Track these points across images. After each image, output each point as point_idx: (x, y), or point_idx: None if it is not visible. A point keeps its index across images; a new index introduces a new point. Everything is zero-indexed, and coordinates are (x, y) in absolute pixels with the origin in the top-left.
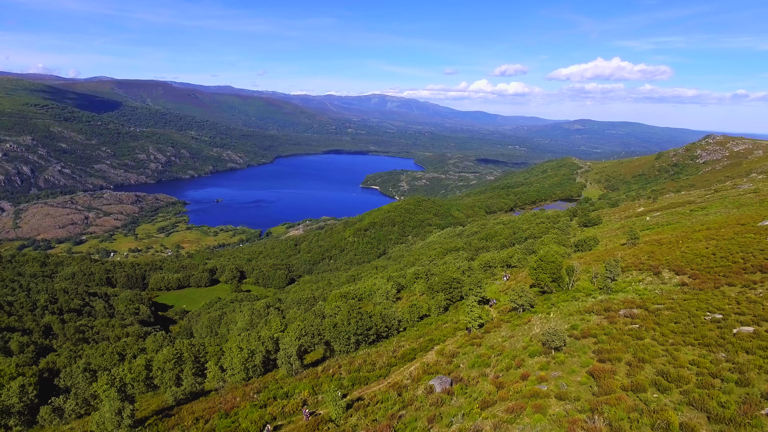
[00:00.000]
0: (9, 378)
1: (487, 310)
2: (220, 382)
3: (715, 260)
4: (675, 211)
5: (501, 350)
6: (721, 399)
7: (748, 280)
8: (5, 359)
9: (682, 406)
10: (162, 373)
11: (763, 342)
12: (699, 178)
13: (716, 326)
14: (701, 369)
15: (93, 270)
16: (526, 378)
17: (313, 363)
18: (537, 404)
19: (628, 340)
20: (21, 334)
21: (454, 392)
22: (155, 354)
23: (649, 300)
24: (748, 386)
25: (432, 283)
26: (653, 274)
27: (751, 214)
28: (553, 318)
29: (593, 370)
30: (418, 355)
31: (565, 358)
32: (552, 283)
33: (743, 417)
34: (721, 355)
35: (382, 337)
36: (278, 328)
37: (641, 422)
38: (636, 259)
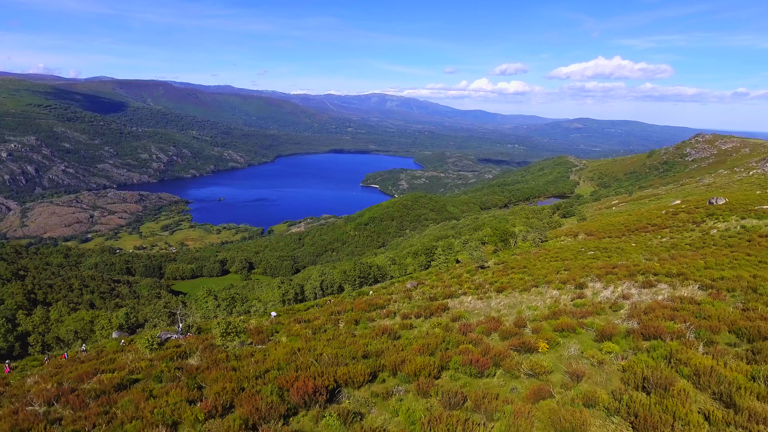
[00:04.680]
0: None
1: (453, 262)
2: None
3: (616, 226)
4: (637, 202)
5: (453, 273)
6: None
7: (621, 234)
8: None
9: (525, 276)
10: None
11: (589, 259)
12: (685, 175)
13: (576, 251)
14: (553, 268)
15: (113, 261)
16: (460, 277)
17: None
18: (460, 282)
19: (524, 261)
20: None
21: (417, 287)
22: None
23: (554, 247)
24: (574, 276)
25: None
26: (573, 236)
27: (688, 198)
28: (492, 260)
29: (497, 272)
30: (401, 281)
31: (486, 271)
32: (500, 243)
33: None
34: (563, 262)
35: (378, 281)
36: (305, 276)
37: (514, 286)
38: (569, 229)
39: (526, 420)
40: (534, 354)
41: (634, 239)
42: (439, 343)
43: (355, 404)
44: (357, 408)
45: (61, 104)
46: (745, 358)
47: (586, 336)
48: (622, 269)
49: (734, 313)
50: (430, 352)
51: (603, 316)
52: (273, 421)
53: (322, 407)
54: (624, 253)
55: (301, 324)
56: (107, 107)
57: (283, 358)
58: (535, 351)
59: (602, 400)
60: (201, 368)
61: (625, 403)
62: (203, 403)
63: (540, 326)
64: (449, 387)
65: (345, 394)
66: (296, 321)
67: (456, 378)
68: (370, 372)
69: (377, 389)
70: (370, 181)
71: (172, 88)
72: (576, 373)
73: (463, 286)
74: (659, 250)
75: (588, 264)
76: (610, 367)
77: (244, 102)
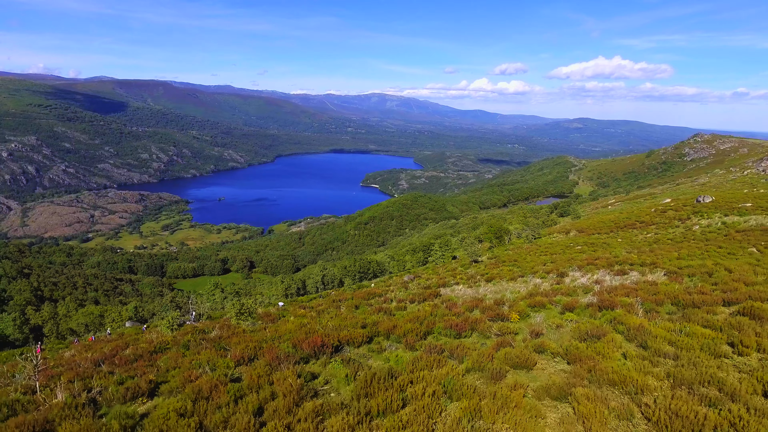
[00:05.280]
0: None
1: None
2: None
3: (606, 224)
4: (633, 201)
5: (448, 267)
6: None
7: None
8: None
9: (514, 268)
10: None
11: (576, 252)
12: (683, 175)
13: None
14: (541, 261)
15: (116, 259)
16: (454, 270)
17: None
18: (454, 275)
19: (515, 255)
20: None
21: (414, 279)
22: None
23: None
24: (558, 267)
25: (414, 246)
26: (564, 233)
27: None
28: (486, 255)
29: (488, 265)
30: (399, 275)
31: (479, 265)
32: (495, 240)
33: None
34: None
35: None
36: (306, 273)
37: (503, 276)
38: (562, 227)
39: (487, 359)
40: (506, 322)
41: (621, 235)
42: (426, 316)
43: (355, 356)
44: (357, 358)
45: (62, 104)
46: (672, 320)
47: (553, 310)
48: (602, 260)
49: (679, 290)
50: (419, 322)
51: (573, 296)
52: (290, 365)
53: (328, 357)
54: (609, 247)
55: (306, 309)
56: (107, 107)
57: (293, 329)
58: (508, 320)
59: (550, 348)
60: (223, 337)
61: (565, 349)
62: (232, 354)
63: (516, 304)
64: (432, 343)
65: (347, 350)
66: (301, 307)
67: (438, 339)
68: (368, 335)
69: (373, 347)
70: (370, 181)
71: (172, 88)
72: (536, 332)
73: (456, 277)
74: (642, 244)
75: (573, 257)
76: (564, 329)
77: (244, 102)
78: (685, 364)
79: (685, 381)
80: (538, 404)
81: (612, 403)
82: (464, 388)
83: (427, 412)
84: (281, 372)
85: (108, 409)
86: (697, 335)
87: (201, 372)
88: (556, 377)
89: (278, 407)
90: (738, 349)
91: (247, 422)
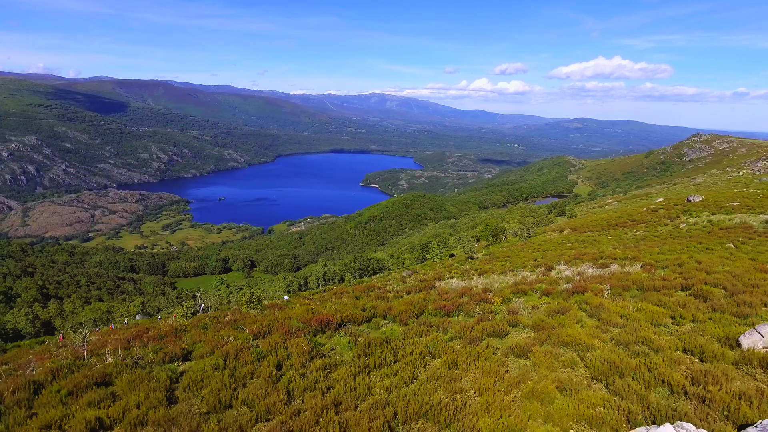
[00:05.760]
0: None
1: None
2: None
3: (599, 222)
4: (629, 201)
5: (445, 264)
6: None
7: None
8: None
9: (506, 263)
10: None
11: (567, 249)
12: (681, 175)
13: (558, 244)
14: (532, 256)
15: (118, 259)
16: (451, 266)
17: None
18: (450, 270)
19: (509, 252)
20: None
21: (411, 275)
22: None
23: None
24: (547, 262)
25: (413, 245)
26: (558, 231)
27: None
28: (482, 253)
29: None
30: (398, 271)
31: (474, 261)
32: (492, 238)
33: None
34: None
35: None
36: (307, 272)
37: (494, 270)
38: (557, 226)
39: (467, 330)
40: (489, 304)
41: (612, 233)
42: (420, 301)
43: (356, 331)
44: (357, 332)
45: (62, 104)
46: (632, 301)
47: (534, 296)
48: (588, 256)
49: (646, 278)
50: (413, 305)
51: (553, 285)
52: (300, 335)
53: (333, 331)
54: (598, 244)
55: (309, 300)
56: (108, 107)
57: (300, 313)
58: (491, 303)
59: (522, 322)
60: (237, 320)
61: (534, 322)
62: (249, 330)
63: (502, 291)
64: (423, 320)
65: (348, 327)
66: (304, 299)
67: (429, 318)
68: (367, 316)
69: (372, 325)
70: (370, 181)
71: (172, 87)
72: (513, 311)
73: (452, 272)
74: (629, 241)
75: (563, 253)
76: (539, 309)
77: (244, 102)
78: (628, 331)
79: (624, 342)
80: (504, 359)
81: (562, 357)
82: (446, 348)
83: (414, 364)
84: (294, 339)
85: (151, 369)
86: (647, 311)
87: (225, 341)
88: (521, 341)
89: (294, 363)
90: (677, 320)
91: (270, 373)
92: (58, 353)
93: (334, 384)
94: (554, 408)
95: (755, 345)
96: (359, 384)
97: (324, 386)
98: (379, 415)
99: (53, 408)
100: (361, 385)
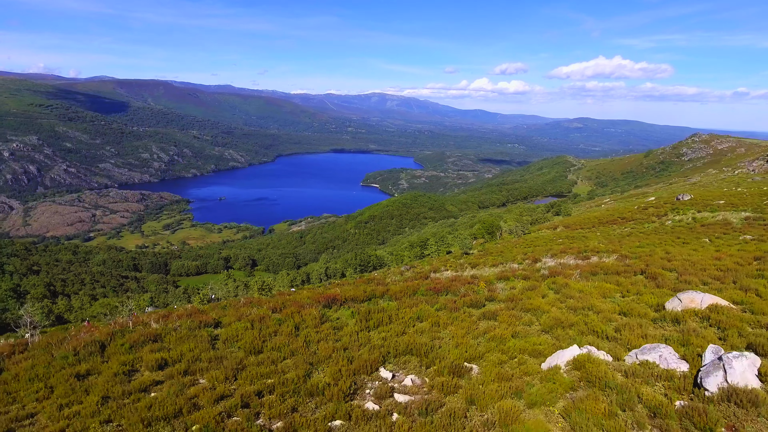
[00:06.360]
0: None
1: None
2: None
3: (590, 220)
4: (625, 200)
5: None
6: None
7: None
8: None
9: (498, 257)
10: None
11: (556, 244)
12: (678, 174)
13: (549, 240)
14: (522, 251)
15: (121, 258)
16: (446, 261)
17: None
18: (445, 264)
19: (502, 248)
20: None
21: (409, 269)
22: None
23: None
24: (535, 255)
25: (412, 242)
26: (552, 229)
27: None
28: (477, 249)
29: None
30: (397, 267)
31: (469, 256)
32: (488, 235)
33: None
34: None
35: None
36: (309, 269)
37: (486, 264)
38: (551, 224)
39: (451, 302)
40: (474, 286)
41: (601, 230)
42: (414, 285)
43: (358, 306)
44: (359, 307)
45: (63, 104)
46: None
47: (515, 281)
48: (574, 249)
49: (614, 264)
50: (407, 288)
51: (534, 273)
52: (311, 307)
53: (338, 306)
54: (586, 239)
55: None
56: (108, 107)
57: (308, 294)
58: (476, 285)
59: (498, 297)
60: (253, 302)
61: (507, 296)
62: (266, 306)
63: (488, 277)
64: (415, 299)
65: (351, 303)
66: (310, 290)
67: (420, 297)
68: (367, 296)
69: (371, 303)
70: (371, 181)
71: (173, 87)
72: (493, 290)
73: (446, 265)
74: (616, 237)
75: (551, 248)
76: (515, 289)
77: (244, 101)
78: (580, 301)
79: (574, 308)
80: (477, 320)
81: (522, 318)
82: (432, 314)
83: (405, 325)
84: (307, 310)
85: (190, 331)
86: (602, 288)
87: (249, 313)
88: (493, 309)
89: (308, 325)
90: (623, 294)
91: (290, 331)
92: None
93: (342, 337)
94: (507, 346)
95: (674, 307)
96: (361, 337)
97: (334, 338)
98: (376, 352)
99: (123, 355)
100: (362, 338)
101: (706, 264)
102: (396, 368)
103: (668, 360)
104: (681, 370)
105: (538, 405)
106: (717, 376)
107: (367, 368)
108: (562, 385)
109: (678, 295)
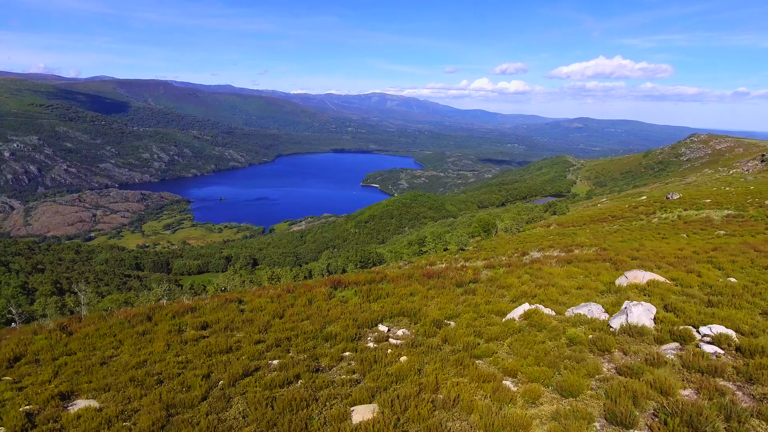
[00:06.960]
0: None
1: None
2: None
3: (583, 218)
4: (621, 199)
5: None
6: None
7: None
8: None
9: (491, 252)
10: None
11: (546, 240)
12: (677, 174)
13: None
14: (514, 247)
15: (123, 257)
16: (442, 256)
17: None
18: (441, 259)
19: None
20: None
21: (408, 264)
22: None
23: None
24: (524, 249)
25: (410, 240)
26: (545, 227)
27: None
28: (473, 245)
29: (471, 252)
30: (396, 263)
31: (464, 252)
32: (484, 233)
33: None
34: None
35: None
36: (311, 266)
37: (479, 258)
38: (546, 222)
39: (440, 284)
40: (462, 272)
41: (591, 227)
42: (410, 272)
43: (360, 287)
44: (360, 288)
45: (63, 104)
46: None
47: (500, 270)
48: (561, 244)
49: (587, 255)
50: (403, 274)
51: (518, 262)
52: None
53: (343, 288)
54: (575, 236)
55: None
56: (109, 107)
57: (315, 281)
58: (464, 272)
59: (481, 279)
60: (266, 288)
61: (488, 278)
62: (281, 289)
63: (477, 267)
64: (410, 282)
65: (354, 286)
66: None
67: (414, 280)
68: (368, 280)
69: (372, 285)
70: (371, 181)
71: (173, 87)
72: (478, 274)
73: (442, 260)
74: (603, 233)
75: (541, 243)
76: (498, 273)
77: (244, 101)
78: (548, 281)
79: (541, 285)
80: (459, 294)
81: (497, 293)
82: (422, 290)
83: (399, 298)
84: (317, 289)
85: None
86: (570, 271)
87: (266, 292)
88: (474, 287)
89: (319, 299)
90: (585, 274)
91: (304, 303)
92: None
93: (348, 307)
94: (480, 309)
95: (621, 283)
96: (364, 307)
97: (341, 308)
98: (375, 314)
99: (169, 321)
100: (365, 307)
101: (667, 253)
102: (391, 324)
103: (594, 312)
104: (602, 319)
105: (493, 340)
106: (621, 318)
107: (368, 324)
108: (512, 329)
109: (625, 273)
